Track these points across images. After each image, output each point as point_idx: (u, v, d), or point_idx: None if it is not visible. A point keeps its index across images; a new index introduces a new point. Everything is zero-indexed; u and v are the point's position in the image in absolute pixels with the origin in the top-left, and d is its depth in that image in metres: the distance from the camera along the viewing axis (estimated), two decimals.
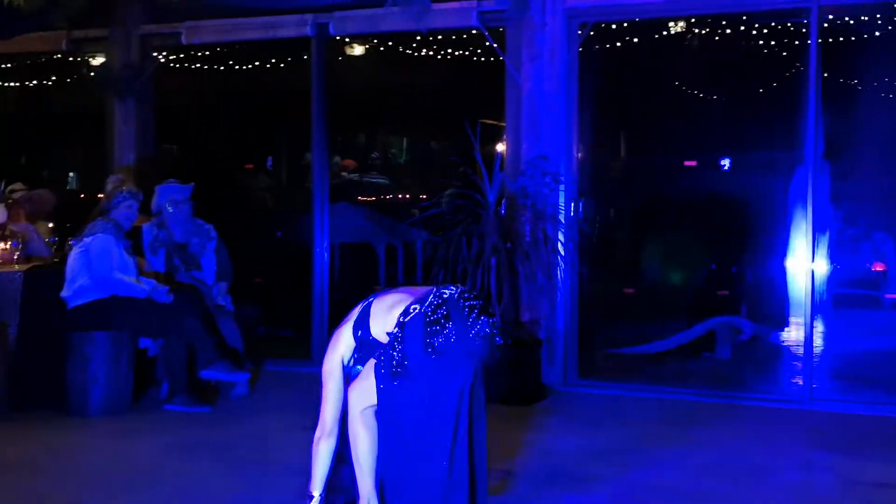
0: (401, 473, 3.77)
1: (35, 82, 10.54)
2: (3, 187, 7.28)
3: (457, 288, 3.79)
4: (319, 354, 4.04)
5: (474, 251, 6.90)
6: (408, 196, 11.62)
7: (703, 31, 9.26)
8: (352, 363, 3.95)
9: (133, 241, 6.87)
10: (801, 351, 7.21)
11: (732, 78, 9.98)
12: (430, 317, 3.66)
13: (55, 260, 7.20)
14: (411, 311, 3.71)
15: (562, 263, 7.20)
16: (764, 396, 7.03)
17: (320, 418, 3.90)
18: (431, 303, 3.70)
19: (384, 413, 3.76)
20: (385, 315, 3.81)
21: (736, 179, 10.43)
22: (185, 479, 5.03)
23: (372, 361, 3.81)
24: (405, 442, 3.74)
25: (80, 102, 9.78)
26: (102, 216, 6.73)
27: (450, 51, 9.71)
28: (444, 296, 3.74)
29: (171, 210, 7.19)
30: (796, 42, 8.53)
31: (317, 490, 3.90)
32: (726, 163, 10.66)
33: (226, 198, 10.46)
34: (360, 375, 3.88)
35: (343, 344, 3.92)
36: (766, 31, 8.93)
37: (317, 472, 3.90)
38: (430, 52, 9.70)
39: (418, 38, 8.86)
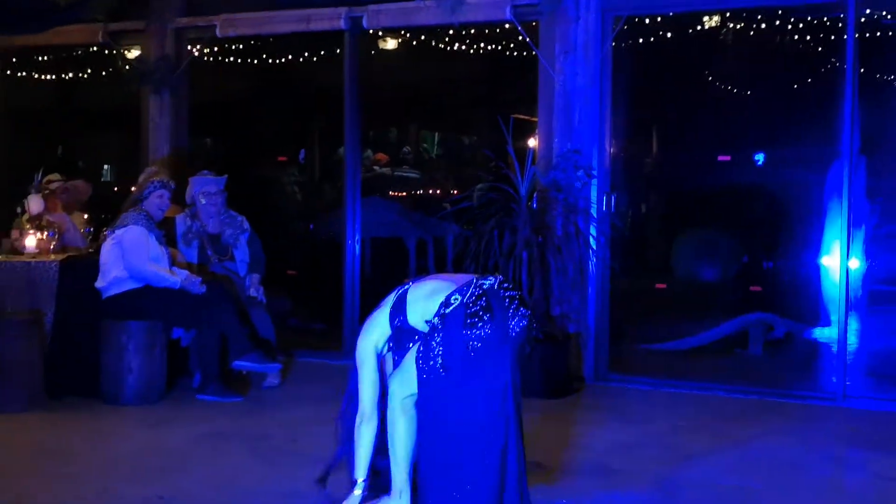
0: (440, 466, 3.75)
1: (71, 75, 10.62)
2: (39, 178, 7.35)
3: (495, 278, 3.79)
4: (350, 347, 4.05)
5: (506, 245, 6.90)
6: (439, 191, 11.61)
7: (738, 26, 9.18)
8: (385, 350, 3.94)
9: (166, 231, 6.92)
10: (834, 348, 7.14)
11: (767, 73, 9.89)
12: (470, 308, 3.66)
13: (90, 250, 7.26)
14: (452, 301, 3.71)
15: (593, 257, 7.18)
16: (797, 393, 6.97)
17: (359, 404, 3.90)
18: (472, 293, 3.70)
19: (425, 404, 3.75)
20: (424, 303, 3.79)
21: (770, 175, 10.34)
22: (216, 468, 5.07)
23: (413, 351, 3.80)
24: (447, 434, 3.72)
25: (115, 95, 9.84)
26: (134, 207, 6.77)
27: (483, 45, 9.68)
28: (485, 286, 3.74)
29: (204, 201, 7.25)
30: (832, 37, 8.44)
31: (360, 475, 3.88)
32: (760, 158, 10.56)
33: (258, 190, 10.51)
34: (401, 365, 3.87)
35: (377, 331, 3.91)
36: (801, 25, 8.84)
37: (360, 457, 3.87)
38: (463, 47, 9.68)
39: (451, 31, 8.84)
